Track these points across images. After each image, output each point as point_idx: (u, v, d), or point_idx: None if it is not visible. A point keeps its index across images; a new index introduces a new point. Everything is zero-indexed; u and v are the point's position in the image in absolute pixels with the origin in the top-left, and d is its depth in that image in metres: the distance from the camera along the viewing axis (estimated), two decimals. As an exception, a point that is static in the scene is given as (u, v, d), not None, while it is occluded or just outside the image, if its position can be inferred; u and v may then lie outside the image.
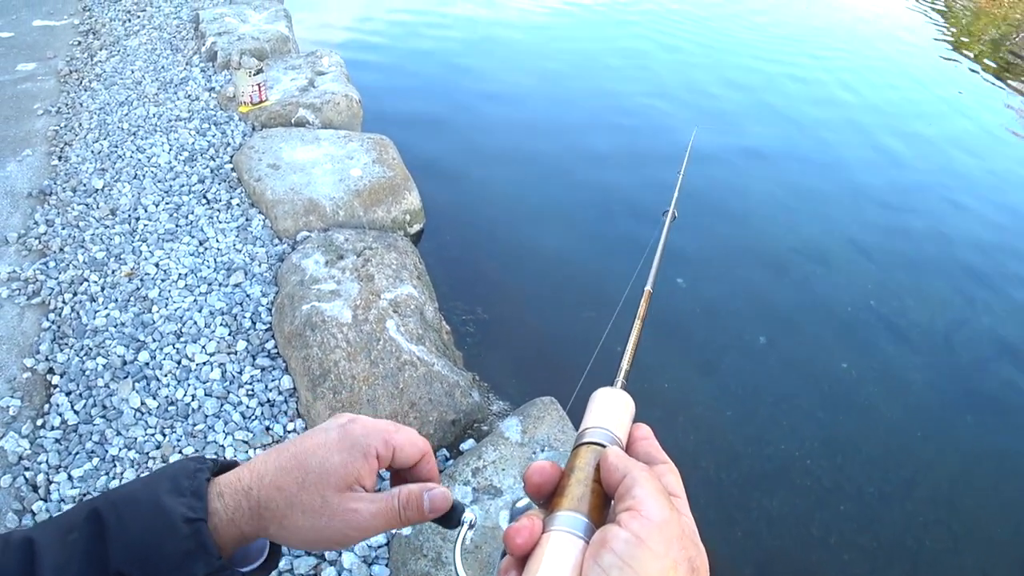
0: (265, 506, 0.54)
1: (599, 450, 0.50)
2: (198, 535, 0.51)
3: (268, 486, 0.55)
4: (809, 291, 3.58)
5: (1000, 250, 4.13)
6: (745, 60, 6.66)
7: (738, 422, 2.83)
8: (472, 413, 2.36)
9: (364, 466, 0.57)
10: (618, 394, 0.55)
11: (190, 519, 0.51)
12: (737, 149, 4.82)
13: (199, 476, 0.55)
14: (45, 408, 2.24)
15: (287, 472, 0.55)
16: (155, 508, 0.51)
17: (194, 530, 0.51)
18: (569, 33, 6.87)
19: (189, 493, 0.53)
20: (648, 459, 0.52)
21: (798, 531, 2.46)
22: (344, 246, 2.86)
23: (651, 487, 0.44)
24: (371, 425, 0.59)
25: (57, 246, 2.85)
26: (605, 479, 0.47)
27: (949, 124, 5.88)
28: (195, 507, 0.52)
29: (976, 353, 3.32)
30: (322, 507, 0.55)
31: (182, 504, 0.52)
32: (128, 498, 0.53)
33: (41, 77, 4.20)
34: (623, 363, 0.60)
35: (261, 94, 3.88)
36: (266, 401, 2.32)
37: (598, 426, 0.52)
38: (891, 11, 9.31)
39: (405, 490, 0.58)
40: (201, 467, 0.56)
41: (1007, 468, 2.81)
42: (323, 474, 0.55)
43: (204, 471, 0.56)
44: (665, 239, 0.79)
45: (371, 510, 0.56)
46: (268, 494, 0.55)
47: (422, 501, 0.58)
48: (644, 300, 0.68)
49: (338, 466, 0.56)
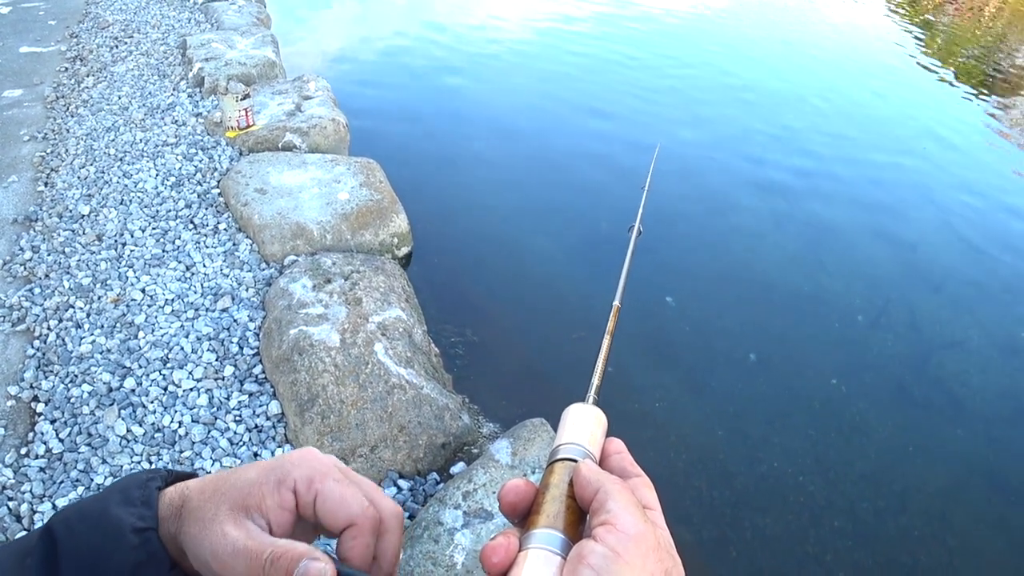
0: (185, 507, 0.52)
1: (573, 466, 0.49)
2: (147, 544, 0.49)
3: (195, 488, 0.52)
4: (798, 308, 3.59)
5: (989, 264, 4.16)
6: (725, 75, 6.73)
7: (730, 440, 2.82)
8: (462, 436, 2.35)
9: (272, 494, 0.50)
10: (590, 409, 0.55)
11: (139, 528, 0.49)
12: (722, 165, 4.86)
13: (150, 485, 0.53)
14: (29, 436, 2.21)
15: (216, 479, 0.52)
16: (103, 520, 0.49)
17: (143, 539, 0.49)
18: (554, 53, 6.93)
19: (139, 503, 0.51)
20: (622, 473, 0.51)
21: (792, 549, 2.45)
22: (332, 270, 2.86)
23: (625, 500, 0.44)
24: (311, 459, 0.53)
25: (43, 272, 2.83)
26: (579, 494, 0.47)
27: (924, 129, 5.97)
28: (144, 516, 0.50)
29: (966, 365, 3.33)
30: (210, 520, 0.50)
31: (131, 514, 0.50)
32: (79, 513, 0.51)
33: (28, 103, 4.20)
34: (594, 378, 0.59)
35: (248, 119, 3.88)
36: (254, 427, 2.30)
37: (571, 442, 0.52)
38: (868, 24, 9.45)
39: (283, 546, 0.47)
40: (153, 476, 0.54)
41: (1000, 481, 2.81)
42: (232, 487, 0.51)
43: (156, 480, 0.54)
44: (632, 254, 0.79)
45: (237, 544, 0.48)
46: (191, 495, 0.52)
47: (294, 567, 0.46)
48: (613, 315, 0.68)
49: (246, 483, 0.51)
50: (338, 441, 2.17)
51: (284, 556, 0.47)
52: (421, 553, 1.85)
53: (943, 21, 10.48)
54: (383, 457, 2.19)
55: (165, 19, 5.79)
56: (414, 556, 1.85)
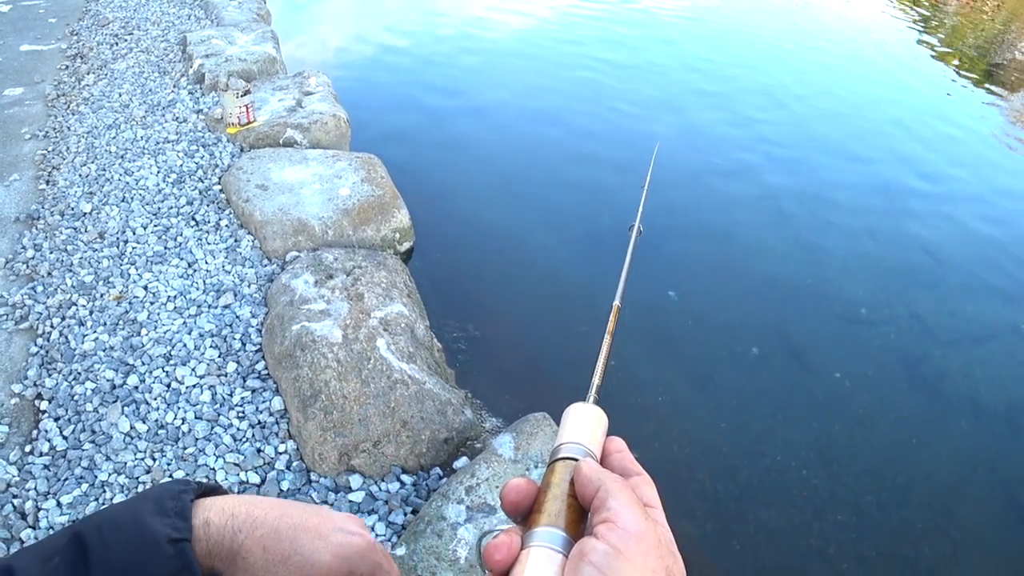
0: (243, 556, 0.54)
1: (574, 464, 0.50)
2: (183, 555, 0.51)
3: (256, 540, 0.55)
4: (800, 301, 3.59)
5: (994, 255, 4.15)
6: (725, 71, 6.71)
7: (733, 434, 2.82)
8: (465, 431, 2.35)
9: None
10: (591, 409, 0.56)
11: (175, 539, 0.51)
12: (724, 160, 4.85)
13: (184, 497, 0.54)
14: (33, 434, 2.21)
15: (280, 538, 0.55)
16: (139, 529, 0.51)
17: (179, 550, 0.51)
18: (557, 49, 6.91)
19: (174, 514, 0.52)
20: (623, 471, 0.52)
21: (796, 542, 2.45)
22: (333, 265, 2.85)
23: (626, 498, 0.45)
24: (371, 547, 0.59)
25: (45, 270, 2.83)
26: (580, 492, 0.47)
27: (925, 121, 5.94)
28: (180, 528, 0.52)
29: (970, 358, 3.33)
30: None
31: (166, 525, 0.51)
32: (111, 521, 0.52)
33: (29, 102, 4.20)
34: (594, 378, 0.60)
35: (249, 115, 3.88)
36: (257, 423, 2.30)
37: (572, 441, 0.52)
38: (869, 18, 9.41)
39: None
40: (185, 489, 0.56)
41: (1004, 473, 2.80)
42: (307, 563, 0.55)
43: (189, 492, 0.56)
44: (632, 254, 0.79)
45: None
46: (251, 547, 0.54)
47: None
48: (613, 315, 0.68)
49: (322, 566, 0.56)
50: (341, 437, 2.17)
51: None
52: (424, 548, 1.85)
53: (946, 16, 10.44)
54: (386, 452, 2.20)
55: (165, 16, 5.78)
56: (417, 551, 1.85)
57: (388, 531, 2.02)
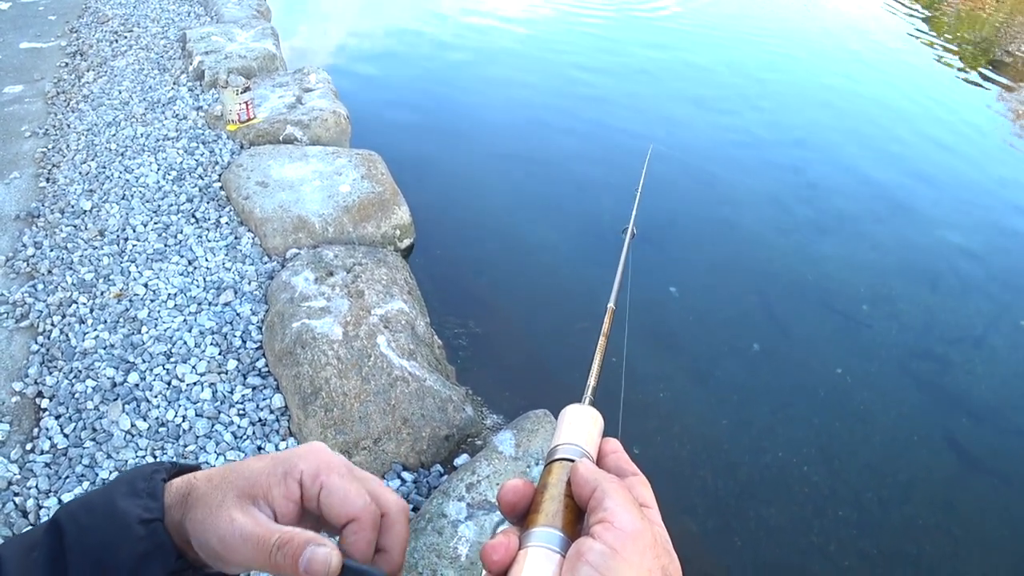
0: (191, 495, 0.52)
1: (570, 465, 0.50)
2: (154, 535, 0.50)
3: (202, 478, 0.53)
4: (802, 297, 3.58)
5: (996, 251, 4.14)
6: (726, 68, 6.70)
7: (734, 430, 2.82)
8: (465, 428, 2.35)
9: (278, 485, 0.51)
10: (586, 410, 0.56)
11: (145, 520, 0.50)
12: (725, 155, 4.84)
13: (155, 477, 0.54)
14: (34, 432, 2.21)
15: (224, 469, 0.54)
16: (111, 511, 0.50)
17: (150, 531, 0.50)
18: (557, 47, 6.90)
19: (145, 494, 0.52)
20: (619, 472, 0.52)
21: (797, 539, 2.45)
22: (334, 263, 2.85)
23: (622, 498, 0.45)
24: (318, 453, 0.54)
25: (45, 268, 2.83)
26: (576, 492, 0.48)
27: (928, 115, 5.93)
28: (151, 507, 0.51)
29: (972, 354, 3.32)
30: (217, 506, 0.50)
31: (137, 505, 0.51)
32: (86, 506, 0.52)
33: (28, 99, 4.19)
34: (590, 379, 0.61)
35: (249, 112, 3.87)
36: (258, 420, 2.30)
37: (568, 442, 0.53)
38: (870, 13, 9.39)
39: (290, 532, 0.49)
40: (158, 469, 0.55)
41: (1005, 470, 2.80)
42: (239, 476, 0.52)
43: (161, 472, 0.55)
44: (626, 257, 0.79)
45: (245, 529, 0.49)
46: (198, 484, 0.53)
47: (300, 552, 0.47)
48: (608, 317, 0.69)
49: (254, 472, 0.52)
50: (341, 434, 2.17)
51: (291, 541, 0.48)
52: (425, 545, 1.85)
53: (949, 9, 10.41)
54: (387, 449, 2.20)
55: (164, 13, 5.77)
56: (418, 548, 1.85)
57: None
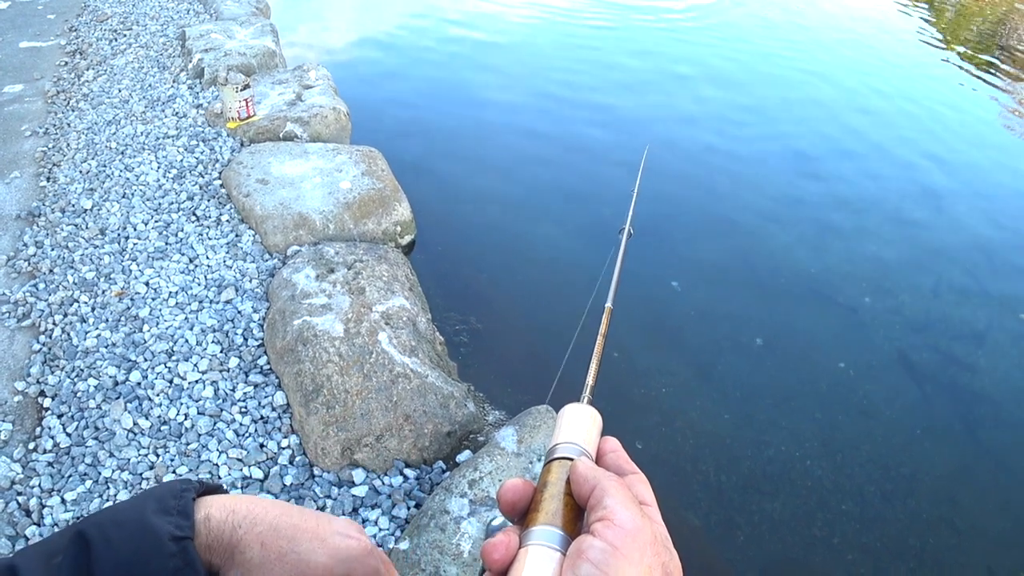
0: (241, 551, 0.55)
1: (569, 464, 0.50)
2: (185, 553, 0.51)
3: (255, 535, 0.55)
4: (804, 291, 3.57)
5: (999, 245, 4.13)
6: (725, 64, 6.68)
7: (737, 425, 2.81)
8: (467, 424, 2.34)
9: None
10: (585, 409, 0.57)
11: (177, 537, 0.51)
12: (726, 151, 4.83)
13: (186, 496, 0.55)
14: (37, 431, 2.22)
15: (279, 536, 0.56)
16: (141, 527, 0.51)
17: (181, 548, 0.51)
18: (558, 43, 6.88)
19: (176, 512, 0.53)
20: (618, 470, 0.52)
21: (800, 532, 2.44)
22: (335, 259, 2.85)
23: (621, 496, 0.45)
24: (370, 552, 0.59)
25: (47, 267, 2.83)
26: (576, 491, 0.48)
27: (929, 110, 5.90)
28: (182, 526, 0.52)
29: (975, 347, 3.31)
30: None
31: (169, 523, 0.52)
32: (114, 519, 0.53)
33: (28, 98, 4.19)
34: (588, 379, 0.61)
35: (249, 109, 3.87)
36: (260, 418, 2.30)
37: (567, 441, 0.53)
38: (873, 7, 9.36)
39: None
40: (187, 487, 0.56)
41: (1008, 463, 2.80)
42: (303, 562, 0.56)
43: (191, 491, 0.56)
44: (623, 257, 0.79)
45: None
46: (250, 542, 0.55)
47: None
48: (605, 317, 0.69)
49: (318, 567, 0.56)
50: (343, 431, 2.17)
51: None
52: (427, 542, 1.85)
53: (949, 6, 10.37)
54: (389, 446, 2.20)
55: (164, 10, 5.76)
56: (420, 545, 1.85)
57: (391, 525, 2.02)
